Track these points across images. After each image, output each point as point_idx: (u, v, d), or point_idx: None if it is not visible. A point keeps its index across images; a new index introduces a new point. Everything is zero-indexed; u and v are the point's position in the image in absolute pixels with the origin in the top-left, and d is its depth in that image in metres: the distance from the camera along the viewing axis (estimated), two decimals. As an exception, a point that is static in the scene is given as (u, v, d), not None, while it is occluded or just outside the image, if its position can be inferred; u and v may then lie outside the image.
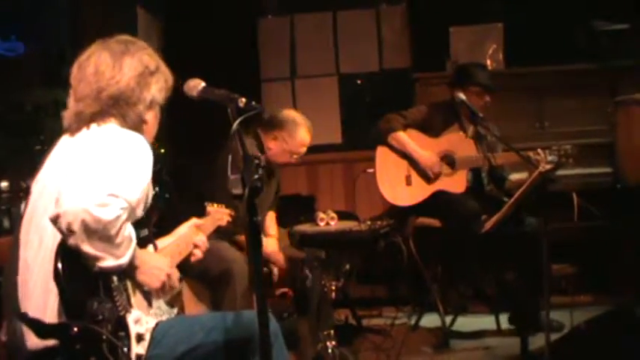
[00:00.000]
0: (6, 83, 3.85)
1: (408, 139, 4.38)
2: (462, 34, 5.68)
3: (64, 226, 1.87)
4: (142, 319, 2.07)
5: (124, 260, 1.97)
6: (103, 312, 1.91)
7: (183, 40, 5.82)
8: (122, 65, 2.21)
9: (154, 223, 2.32)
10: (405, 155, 4.40)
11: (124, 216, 1.94)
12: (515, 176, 4.45)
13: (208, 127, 3.43)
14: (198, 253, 2.51)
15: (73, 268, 1.90)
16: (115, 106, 2.17)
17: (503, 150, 4.32)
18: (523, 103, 5.29)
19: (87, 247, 1.89)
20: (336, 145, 6.23)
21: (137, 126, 2.21)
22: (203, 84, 2.13)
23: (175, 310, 2.27)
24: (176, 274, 2.22)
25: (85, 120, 2.16)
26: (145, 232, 2.18)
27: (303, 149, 3.89)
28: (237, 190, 1.90)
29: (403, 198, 4.38)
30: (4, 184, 3.33)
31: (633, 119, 4.74)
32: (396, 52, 6.21)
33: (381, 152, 4.45)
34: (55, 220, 1.89)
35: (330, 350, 3.66)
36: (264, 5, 6.30)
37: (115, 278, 2.00)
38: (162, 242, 2.44)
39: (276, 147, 3.85)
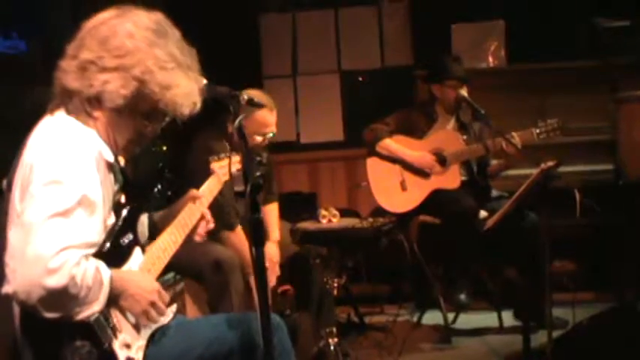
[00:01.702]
0: (7, 81, 3.84)
1: (396, 144, 4.38)
2: (463, 32, 5.68)
3: (20, 302, 1.73)
4: (132, 341, 1.94)
5: (98, 306, 1.79)
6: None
7: (185, 37, 5.80)
8: None
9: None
10: (395, 161, 4.40)
11: (83, 264, 1.75)
12: (494, 162, 4.50)
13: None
14: (201, 231, 2.30)
15: (40, 323, 1.76)
16: None
17: (490, 136, 4.34)
18: (525, 100, 5.28)
19: (53, 314, 1.73)
20: (338, 142, 6.22)
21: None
22: (205, 81, 2.13)
23: (173, 309, 2.13)
24: (164, 298, 1.98)
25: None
26: (129, 237, 2.02)
27: (267, 129, 3.66)
28: (238, 187, 1.90)
29: (401, 204, 4.38)
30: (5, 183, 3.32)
31: (635, 116, 4.74)
32: (398, 49, 6.20)
33: (372, 163, 4.45)
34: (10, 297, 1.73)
35: (332, 347, 3.67)
36: (266, 2, 6.30)
37: None
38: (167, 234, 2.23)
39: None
